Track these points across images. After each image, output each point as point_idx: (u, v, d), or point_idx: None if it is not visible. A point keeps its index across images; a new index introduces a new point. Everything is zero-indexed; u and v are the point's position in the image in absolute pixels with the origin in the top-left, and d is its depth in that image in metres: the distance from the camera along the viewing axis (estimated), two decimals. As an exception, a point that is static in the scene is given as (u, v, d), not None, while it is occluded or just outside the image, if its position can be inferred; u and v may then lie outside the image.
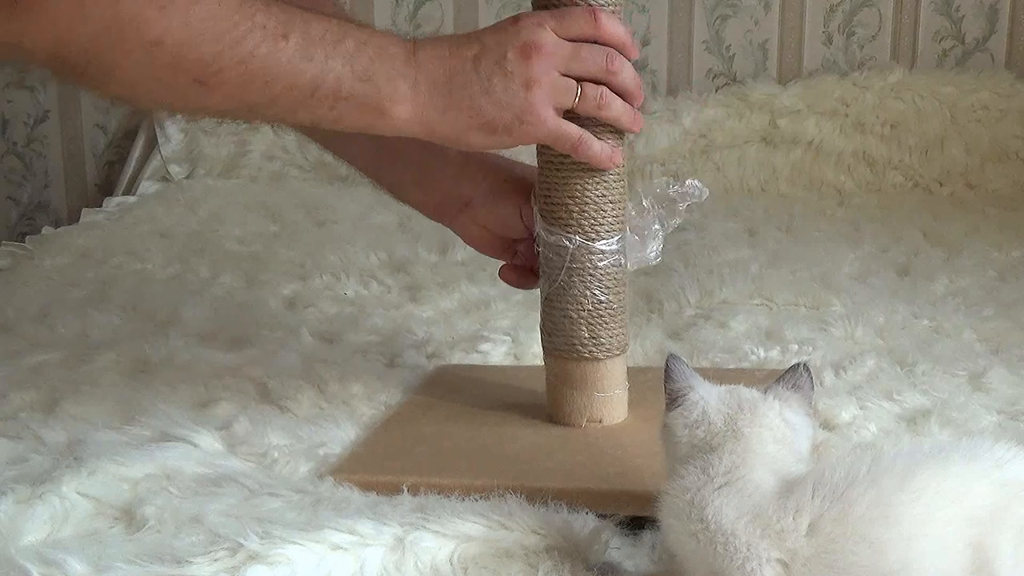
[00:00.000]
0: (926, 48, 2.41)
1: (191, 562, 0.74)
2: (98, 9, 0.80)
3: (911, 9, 2.40)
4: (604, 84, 0.94)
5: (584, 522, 0.83)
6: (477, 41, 0.93)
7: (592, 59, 0.93)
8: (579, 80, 0.93)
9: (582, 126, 0.95)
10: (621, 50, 0.95)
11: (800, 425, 0.75)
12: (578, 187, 1.00)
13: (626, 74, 0.95)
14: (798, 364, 0.76)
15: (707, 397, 0.74)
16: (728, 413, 0.73)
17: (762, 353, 1.25)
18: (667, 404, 0.75)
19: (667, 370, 0.76)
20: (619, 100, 0.96)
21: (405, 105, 0.90)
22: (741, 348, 1.26)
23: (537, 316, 1.07)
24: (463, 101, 0.91)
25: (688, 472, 0.71)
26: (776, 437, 0.73)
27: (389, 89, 0.90)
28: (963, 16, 2.39)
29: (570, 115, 0.95)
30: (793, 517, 0.67)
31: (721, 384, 0.77)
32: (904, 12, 2.40)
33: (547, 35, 0.92)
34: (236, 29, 0.84)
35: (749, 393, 0.75)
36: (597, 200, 1.00)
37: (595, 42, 0.94)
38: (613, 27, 0.95)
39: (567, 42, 0.93)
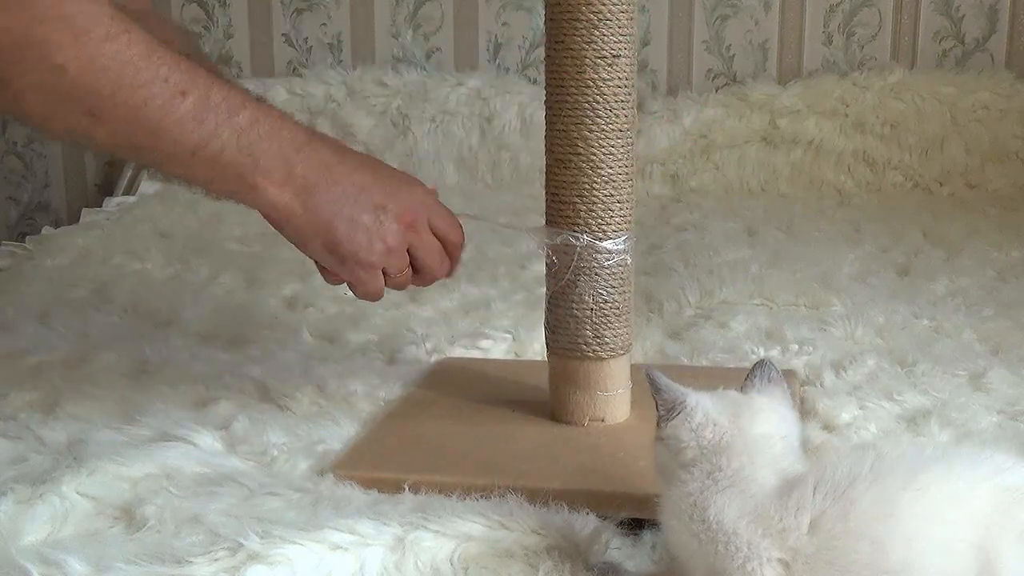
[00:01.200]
0: (926, 48, 2.41)
1: (191, 562, 0.74)
2: (12, 23, 0.83)
3: (911, 9, 2.40)
4: (419, 270, 0.99)
5: (584, 522, 0.83)
6: (372, 172, 0.96)
7: (432, 259, 0.98)
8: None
9: None
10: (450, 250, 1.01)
11: (790, 417, 0.75)
12: (586, 186, 1.00)
13: (428, 278, 1.01)
14: (762, 360, 0.77)
15: (704, 400, 0.74)
16: (730, 412, 0.73)
17: (762, 353, 1.24)
18: (663, 415, 0.74)
19: (652, 383, 0.75)
20: None
21: (278, 189, 0.93)
22: (741, 348, 1.26)
23: (536, 316, 1.07)
24: (327, 213, 0.94)
25: (692, 475, 0.71)
26: (779, 435, 0.73)
27: (267, 167, 0.92)
28: (963, 16, 2.39)
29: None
30: (795, 515, 0.67)
31: (693, 381, 0.77)
32: (904, 12, 2.40)
33: (425, 221, 0.97)
34: (139, 75, 0.87)
35: (736, 394, 0.76)
36: (605, 200, 1.00)
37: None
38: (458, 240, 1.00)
39: (431, 233, 0.97)
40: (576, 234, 1.00)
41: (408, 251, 0.97)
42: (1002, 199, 2.15)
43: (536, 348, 1.25)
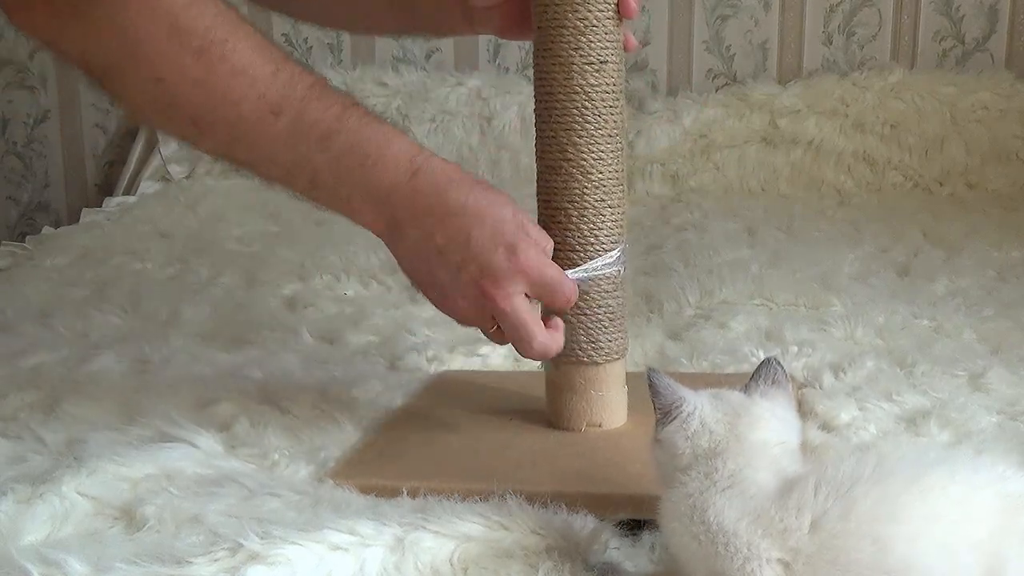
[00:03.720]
0: (926, 48, 2.41)
1: (191, 562, 0.74)
2: (116, 37, 0.85)
3: (911, 9, 2.40)
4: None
5: (584, 522, 0.83)
6: (470, 221, 0.90)
7: (514, 334, 0.93)
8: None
9: None
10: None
11: (791, 421, 0.75)
12: (577, 192, 1.00)
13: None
14: (769, 359, 0.77)
15: (701, 406, 0.74)
16: (727, 420, 0.73)
17: (762, 354, 1.24)
18: (660, 419, 0.75)
19: (651, 385, 0.75)
20: None
21: (372, 224, 0.92)
22: (741, 349, 1.26)
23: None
24: (408, 259, 0.92)
25: (691, 478, 0.71)
26: (777, 438, 0.73)
27: (359, 207, 0.91)
28: (963, 16, 2.39)
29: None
30: (795, 515, 0.67)
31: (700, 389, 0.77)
32: (904, 12, 2.40)
33: (511, 289, 0.91)
34: (232, 92, 0.87)
35: (737, 397, 0.75)
36: (596, 205, 1.00)
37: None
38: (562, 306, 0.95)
39: (519, 302, 0.92)
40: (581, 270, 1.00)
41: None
42: (1002, 199, 2.15)
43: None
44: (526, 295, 0.92)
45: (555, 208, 1.01)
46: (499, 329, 0.93)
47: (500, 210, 0.91)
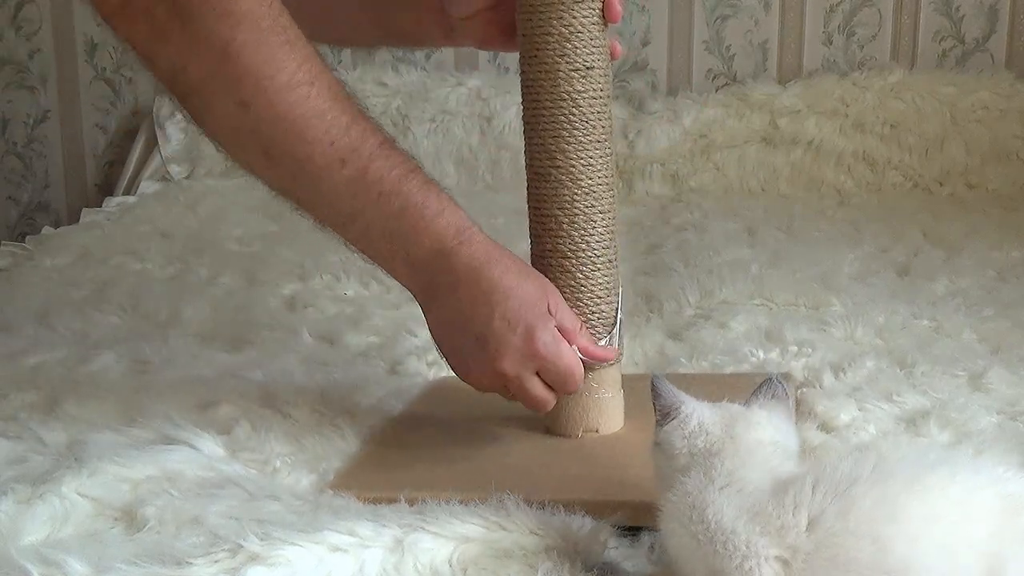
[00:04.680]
0: (926, 48, 2.41)
1: (191, 563, 0.74)
2: (210, 57, 0.88)
3: (911, 9, 2.40)
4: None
5: (582, 523, 0.83)
6: (496, 298, 0.93)
7: (530, 403, 0.96)
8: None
9: None
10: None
11: (788, 431, 0.76)
12: (567, 198, 1.00)
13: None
14: (772, 376, 0.78)
15: (700, 409, 0.76)
16: (724, 422, 0.74)
17: (762, 355, 1.24)
18: (659, 420, 0.76)
19: (654, 388, 0.76)
20: None
21: (405, 281, 0.97)
22: (741, 349, 1.26)
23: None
24: (435, 323, 0.97)
25: (690, 478, 0.72)
26: (771, 441, 0.74)
27: (401, 269, 0.96)
28: (963, 16, 2.39)
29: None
30: (792, 513, 0.67)
31: (701, 388, 0.78)
32: (904, 12, 2.40)
33: (545, 334, 0.93)
34: (308, 131, 0.90)
35: (736, 407, 0.77)
36: (587, 211, 1.00)
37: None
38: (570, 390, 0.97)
39: (530, 380, 0.95)
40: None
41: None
42: (1002, 199, 2.15)
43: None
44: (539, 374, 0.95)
45: (545, 215, 1.01)
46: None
47: (529, 290, 0.95)
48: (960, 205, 2.11)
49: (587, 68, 0.98)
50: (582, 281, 1.01)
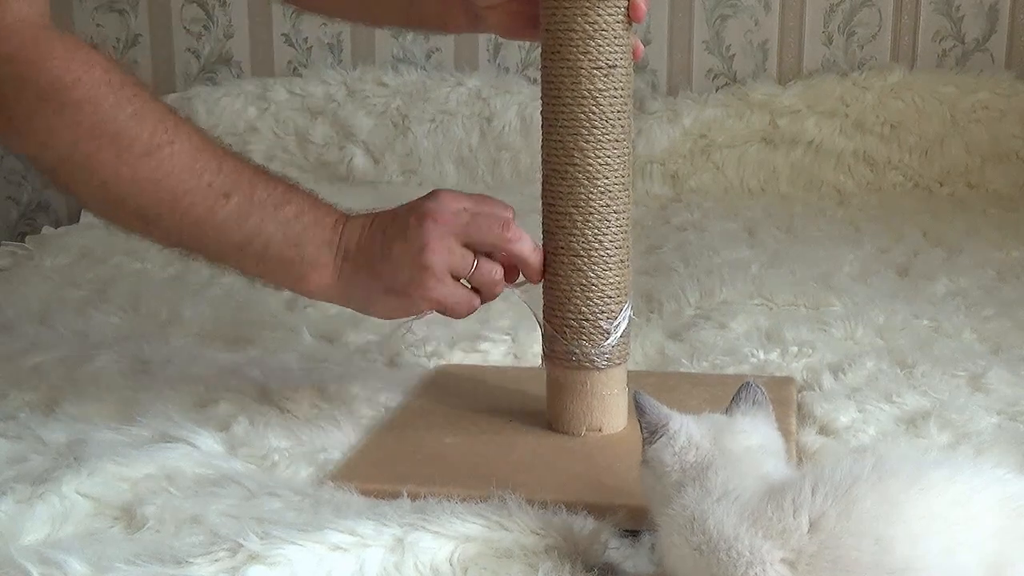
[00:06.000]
0: (926, 48, 2.41)
1: (191, 562, 0.74)
2: (60, 145, 0.90)
3: (911, 9, 2.40)
4: (503, 251, 0.98)
5: (583, 523, 0.83)
6: (391, 212, 0.98)
7: (488, 227, 0.97)
8: (477, 251, 0.97)
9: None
10: (522, 267, 1.00)
11: (772, 435, 0.77)
12: (583, 197, 0.99)
13: (523, 243, 0.99)
14: (749, 382, 0.79)
15: (687, 424, 0.75)
16: (711, 435, 0.74)
17: (762, 355, 1.24)
18: (647, 437, 0.76)
19: (638, 405, 0.76)
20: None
21: (325, 271, 0.96)
22: (741, 349, 1.26)
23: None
24: (369, 266, 0.96)
25: (686, 492, 0.72)
26: (759, 446, 0.74)
27: (314, 255, 0.96)
28: (963, 16, 2.39)
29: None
30: (792, 515, 0.67)
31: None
32: (904, 12, 2.40)
33: (449, 205, 0.96)
34: (181, 185, 0.92)
35: (719, 416, 0.77)
36: (601, 210, 1.00)
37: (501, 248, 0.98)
38: (519, 245, 0.98)
39: (465, 211, 0.97)
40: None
41: (466, 244, 0.96)
42: (1002, 199, 2.15)
43: (535, 350, 1.25)
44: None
45: (559, 212, 1.01)
46: (478, 264, 0.98)
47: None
48: (960, 205, 2.11)
49: (610, 67, 0.98)
50: (593, 280, 1.00)
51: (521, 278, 1.02)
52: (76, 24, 2.57)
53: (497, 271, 0.98)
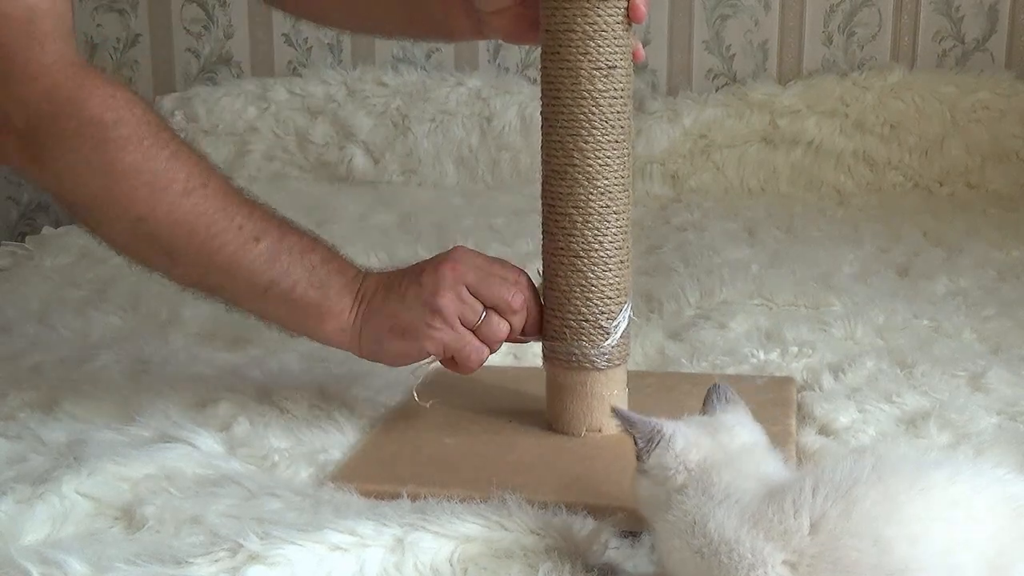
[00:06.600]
0: (926, 48, 2.41)
1: (191, 562, 0.75)
2: (93, 182, 0.91)
3: (911, 9, 2.40)
4: (501, 314, 1.01)
5: (583, 523, 0.83)
6: (410, 266, 1.02)
7: (499, 289, 1.00)
8: (487, 306, 1.00)
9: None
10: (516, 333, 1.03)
11: (757, 429, 0.77)
12: (582, 198, 0.99)
13: (519, 317, 1.02)
14: (716, 384, 0.80)
15: (680, 426, 0.75)
16: (708, 434, 0.74)
17: (762, 355, 1.24)
18: (643, 447, 0.75)
19: (624, 420, 0.76)
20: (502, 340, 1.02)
21: (343, 315, 0.99)
22: (741, 350, 1.26)
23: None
24: (382, 309, 0.99)
25: (687, 495, 0.71)
26: (752, 443, 0.75)
27: (336, 299, 0.99)
28: (963, 16, 2.39)
29: None
30: (793, 517, 0.67)
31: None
32: (904, 12, 2.40)
33: (466, 259, 1.00)
34: (214, 226, 0.94)
35: (704, 417, 0.77)
36: (601, 211, 1.00)
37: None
38: (516, 318, 1.01)
39: (479, 268, 1.00)
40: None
41: (474, 295, 0.99)
42: (1002, 199, 2.15)
43: (536, 350, 1.25)
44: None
45: (559, 213, 1.01)
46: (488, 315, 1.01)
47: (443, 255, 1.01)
48: (960, 205, 2.11)
49: (609, 67, 0.98)
50: (593, 281, 1.00)
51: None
52: (76, 24, 2.57)
53: (503, 326, 1.01)
